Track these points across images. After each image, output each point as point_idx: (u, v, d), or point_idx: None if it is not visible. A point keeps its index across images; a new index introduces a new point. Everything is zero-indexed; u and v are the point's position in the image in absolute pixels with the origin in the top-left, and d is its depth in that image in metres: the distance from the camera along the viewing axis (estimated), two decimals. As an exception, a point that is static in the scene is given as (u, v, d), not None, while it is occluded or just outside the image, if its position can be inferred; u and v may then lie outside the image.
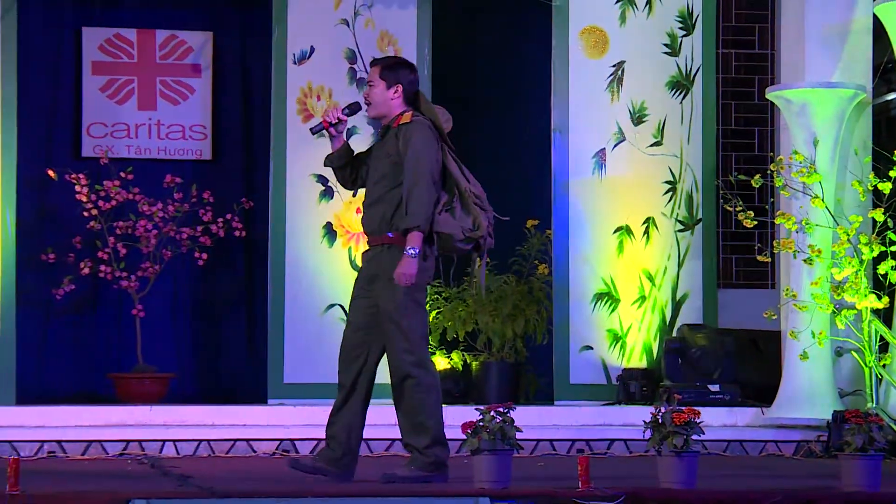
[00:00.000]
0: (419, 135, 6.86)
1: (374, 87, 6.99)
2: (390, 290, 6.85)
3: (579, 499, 6.26)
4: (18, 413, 9.34)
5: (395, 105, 6.99)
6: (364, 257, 7.11)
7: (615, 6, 10.51)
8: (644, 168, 10.51)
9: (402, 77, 6.98)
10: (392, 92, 6.97)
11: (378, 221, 6.93)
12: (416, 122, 6.89)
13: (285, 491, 6.40)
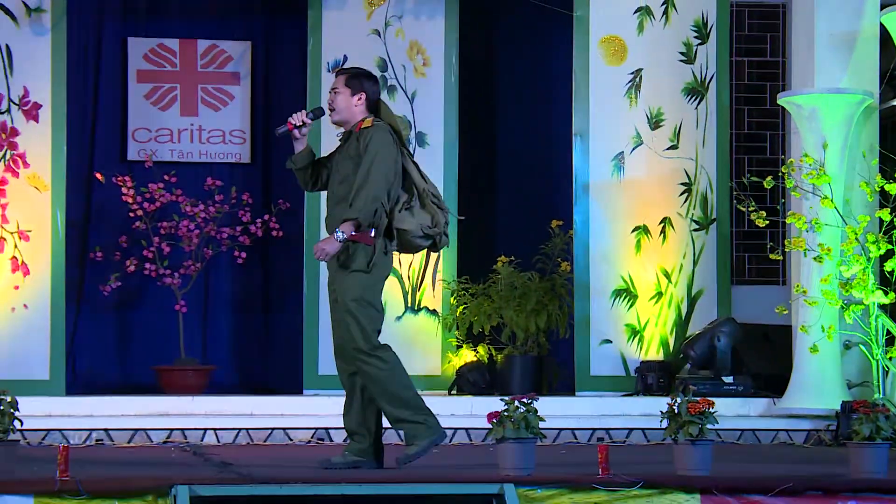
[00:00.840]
0: (378, 137, 6.90)
1: (339, 94, 7.02)
2: (349, 283, 6.87)
3: (599, 485, 6.25)
4: (68, 403, 9.38)
5: (358, 112, 7.02)
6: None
7: (633, 16, 10.49)
8: (661, 170, 10.49)
9: (366, 86, 7.03)
10: (356, 99, 7.01)
11: (340, 221, 6.92)
12: (376, 126, 6.95)
13: (320, 477, 6.41)
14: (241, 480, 6.25)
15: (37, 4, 10.11)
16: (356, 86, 7.01)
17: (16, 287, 9.99)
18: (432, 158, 10.59)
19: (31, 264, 10.02)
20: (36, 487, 5.92)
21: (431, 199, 6.99)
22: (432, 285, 7.64)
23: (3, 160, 10.05)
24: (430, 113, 10.63)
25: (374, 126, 6.94)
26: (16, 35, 10.10)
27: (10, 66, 10.08)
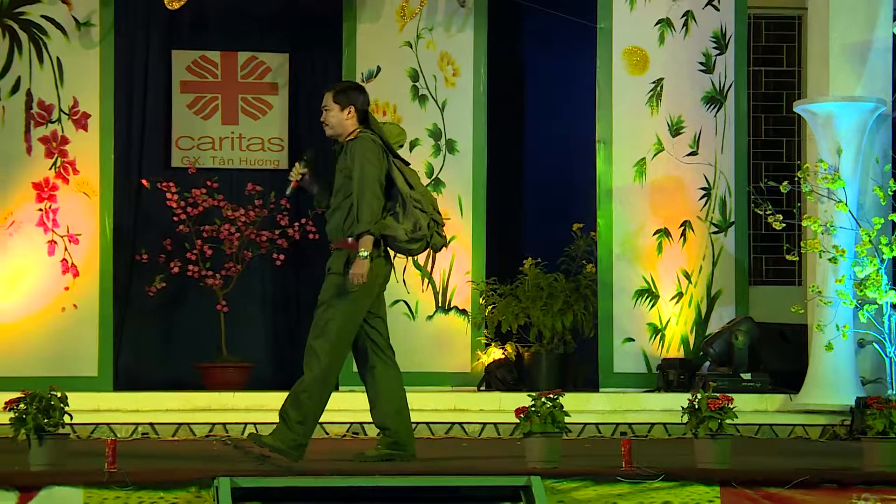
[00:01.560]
0: (360, 149, 6.92)
1: (330, 111, 7.06)
2: (328, 284, 6.93)
3: (622, 477, 6.24)
4: (116, 399, 9.40)
5: (349, 125, 7.04)
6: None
7: (655, 28, 10.47)
8: (681, 176, 10.46)
9: (354, 99, 7.05)
10: (346, 113, 7.03)
11: (335, 229, 6.98)
12: (360, 138, 6.96)
13: (355, 470, 6.41)
14: (280, 472, 6.27)
15: (86, 19, 10.16)
16: (344, 101, 7.02)
17: (66, 288, 10.04)
18: (461, 164, 10.60)
19: (80, 266, 10.06)
20: (85, 479, 5.94)
21: (414, 203, 6.96)
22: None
23: (54, 167, 10.10)
24: (460, 121, 10.63)
25: (357, 138, 6.96)
26: (66, 48, 10.14)
27: (60, 77, 10.13)
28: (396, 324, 10.38)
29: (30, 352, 9.90)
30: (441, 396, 9.74)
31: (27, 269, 10.02)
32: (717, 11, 10.57)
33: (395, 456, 6.96)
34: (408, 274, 10.49)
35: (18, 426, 6.12)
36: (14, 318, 9.97)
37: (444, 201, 10.58)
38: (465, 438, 8.96)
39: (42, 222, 10.06)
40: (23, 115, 10.08)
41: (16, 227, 10.03)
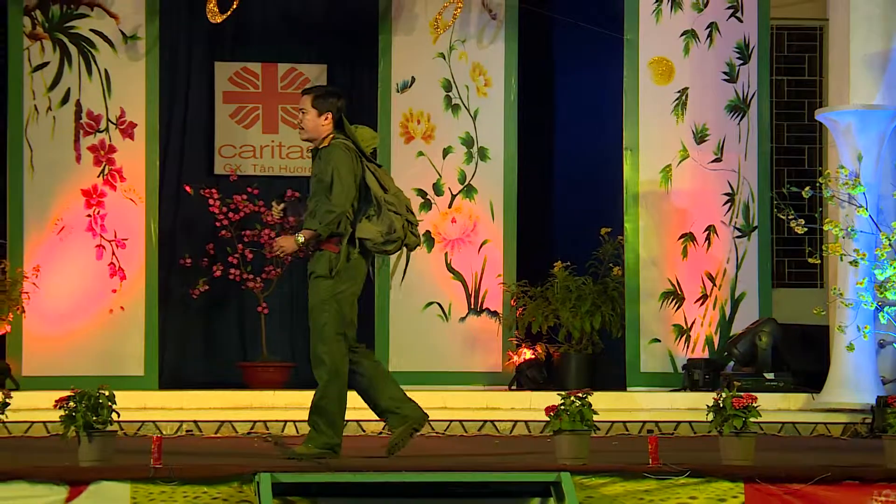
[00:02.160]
0: (334, 156, 6.88)
1: (307, 115, 6.97)
2: (314, 289, 6.88)
3: (650, 473, 6.22)
4: (161, 397, 9.43)
5: (324, 130, 6.97)
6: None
7: (680, 39, 10.44)
8: (705, 182, 10.43)
9: (332, 105, 6.98)
10: (323, 119, 6.96)
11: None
12: (332, 145, 6.92)
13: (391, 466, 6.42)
14: (319, 468, 6.27)
15: (133, 32, 10.20)
16: (323, 106, 6.96)
17: (113, 291, 10.08)
18: (493, 171, 10.59)
19: (126, 270, 10.10)
20: (132, 474, 5.97)
21: (388, 207, 6.93)
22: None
23: (102, 175, 10.15)
24: (492, 129, 10.62)
25: (330, 145, 6.92)
26: (114, 61, 10.19)
27: (108, 88, 10.17)
28: (430, 325, 10.43)
29: (79, 352, 9.95)
30: (473, 395, 9.74)
31: (76, 272, 10.06)
32: (740, 23, 10.54)
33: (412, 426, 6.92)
34: (441, 277, 10.49)
35: (68, 423, 6.15)
36: (64, 319, 10.02)
37: (477, 207, 10.59)
38: (497, 436, 8.95)
39: (91, 227, 10.11)
40: (72, 124, 10.14)
41: (66, 232, 10.08)
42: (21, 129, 10.06)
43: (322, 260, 6.86)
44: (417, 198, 10.51)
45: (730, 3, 10.51)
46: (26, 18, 10.09)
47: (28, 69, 10.09)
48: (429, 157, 10.58)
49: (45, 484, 5.90)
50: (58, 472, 5.97)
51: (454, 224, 10.56)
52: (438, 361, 10.40)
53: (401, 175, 10.48)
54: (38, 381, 9.63)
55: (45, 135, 10.10)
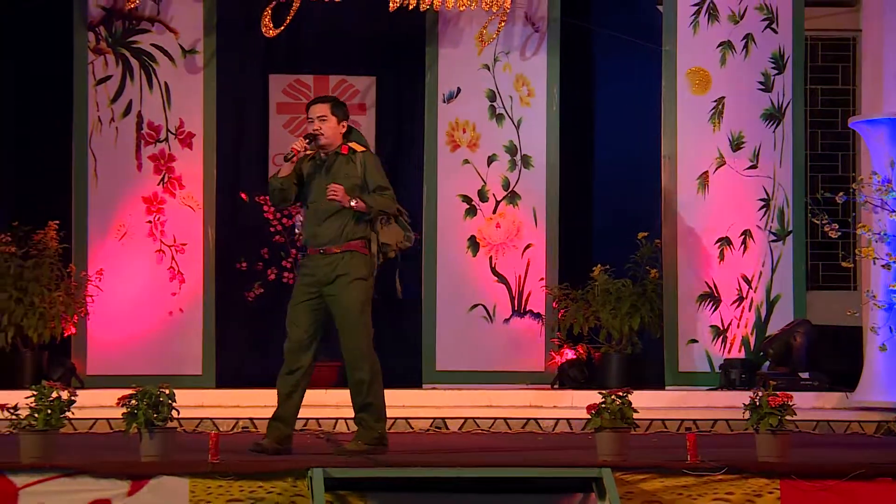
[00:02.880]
0: (377, 161, 6.97)
1: (327, 122, 6.95)
2: (355, 291, 6.85)
3: (688, 470, 6.19)
4: (218, 395, 9.47)
5: (340, 136, 6.98)
6: (314, 264, 6.94)
7: (716, 50, 10.40)
8: (741, 188, 10.38)
9: (347, 115, 7.03)
10: (341, 126, 6.97)
11: (336, 232, 6.88)
12: (370, 152, 6.97)
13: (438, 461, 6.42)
14: (369, 464, 6.28)
15: (191, 46, 10.26)
16: (341, 114, 6.99)
17: (173, 294, 10.13)
18: (536, 178, 10.57)
19: (185, 273, 10.16)
20: (191, 469, 6.00)
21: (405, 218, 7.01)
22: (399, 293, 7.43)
23: (162, 183, 10.20)
24: (535, 138, 10.60)
25: (368, 152, 6.97)
26: (173, 73, 10.25)
27: (168, 100, 10.23)
28: (475, 327, 10.42)
29: (140, 352, 10.01)
30: (517, 394, 9.73)
31: (138, 276, 10.12)
32: (775, 34, 10.48)
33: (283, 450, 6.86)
34: (486, 280, 10.49)
35: (130, 420, 6.18)
36: (126, 321, 10.08)
37: (520, 212, 10.58)
38: (540, 433, 8.94)
39: (151, 233, 10.17)
40: (134, 135, 10.20)
41: (127, 238, 10.14)
42: (85, 139, 10.14)
43: (359, 262, 6.85)
44: (463, 204, 10.51)
45: (765, 14, 10.46)
46: (90, 34, 10.17)
47: (92, 82, 10.17)
48: (474, 164, 10.58)
49: (109, 478, 5.94)
50: (120, 466, 6.01)
51: (498, 229, 10.55)
52: (483, 361, 10.39)
53: (447, 182, 10.51)
54: (102, 380, 9.70)
55: (108, 145, 10.17)
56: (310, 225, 6.95)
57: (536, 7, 10.59)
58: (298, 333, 6.92)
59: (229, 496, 5.96)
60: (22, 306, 9.78)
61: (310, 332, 6.93)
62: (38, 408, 6.14)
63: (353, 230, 6.87)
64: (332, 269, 6.84)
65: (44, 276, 9.86)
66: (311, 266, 6.93)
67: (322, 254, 6.88)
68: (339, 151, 6.94)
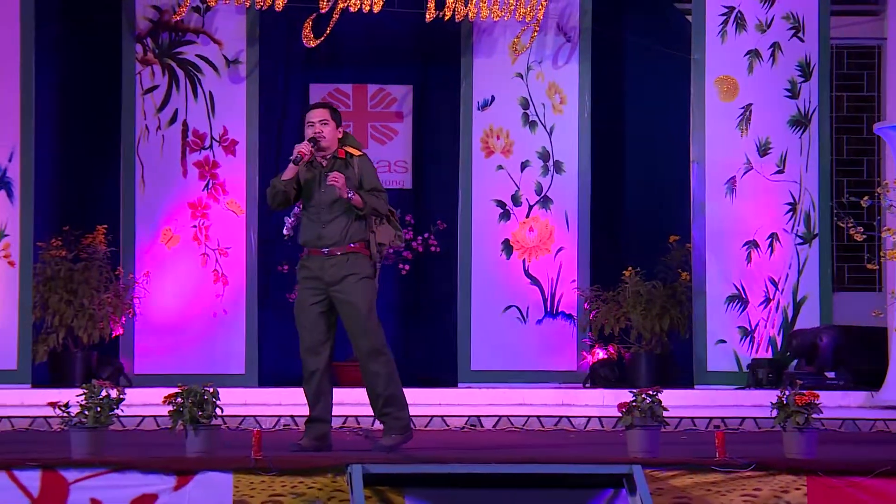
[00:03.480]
0: (371, 164, 6.95)
1: (328, 126, 6.88)
2: (363, 289, 6.80)
3: (716, 466, 6.16)
4: (261, 394, 9.50)
5: (337, 141, 6.93)
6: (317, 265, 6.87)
7: (744, 58, 10.35)
8: (768, 192, 10.33)
9: (341, 120, 6.98)
10: (338, 132, 6.93)
11: (340, 234, 6.82)
12: (366, 156, 6.95)
13: (473, 458, 6.41)
14: (406, 460, 6.28)
15: (234, 57, 10.31)
16: (338, 119, 6.95)
17: (217, 296, 10.18)
18: (568, 183, 10.56)
19: (229, 276, 10.21)
20: (235, 465, 6.01)
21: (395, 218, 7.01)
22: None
23: (207, 188, 10.26)
24: (567, 144, 10.59)
25: (365, 156, 6.95)
26: (217, 83, 10.31)
27: (212, 109, 10.29)
28: (510, 327, 10.42)
29: (186, 352, 10.06)
30: (550, 392, 9.71)
31: (183, 278, 10.18)
32: (801, 42, 10.42)
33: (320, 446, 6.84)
34: (519, 282, 10.48)
35: (176, 417, 6.20)
36: (172, 322, 10.14)
37: (552, 217, 10.57)
38: (572, 430, 8.92)
39: (196, 237, 10.22)
40: (180, 142, 10.26)
41: (173, 242, 10.20)
42: (133, 146, 10.20)
43: (363, 262, 6.83)
44: (497, 208, 10.51)
45: (791, 23, 10.40)
46: (138, 45, 10.24)
47: (140, 92, 10.23)
48: (508, 170, 10.58)
49: (156, 473, 5.96)
50: (167, 462, 6.03)
51: (531, 233, 10.54)
52: (517, 361, 10.39)
53: (481, 187, 10.51)
54: (149, 379, 9.75)
55: (154, 152, 10.24)
56: (312, 227, 6.91)
57: (568, 17, 10.58)
58: (312, 336, 6.90)
59: (271, 491, 5.97)
60: (72, 308, 9.85)
61: (323, 334, 6.90)
62: (88, 406, 6.17)
63: (356, 231, 6.86)
64: (339, 269, 6.82)
65: (93, 279, 9.92)
66: (315, 268, 6.88)
67: (326, 255, 6.86)
68: (336, 155, 6.93)
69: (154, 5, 10.25)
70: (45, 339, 9.84)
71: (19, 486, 5.90)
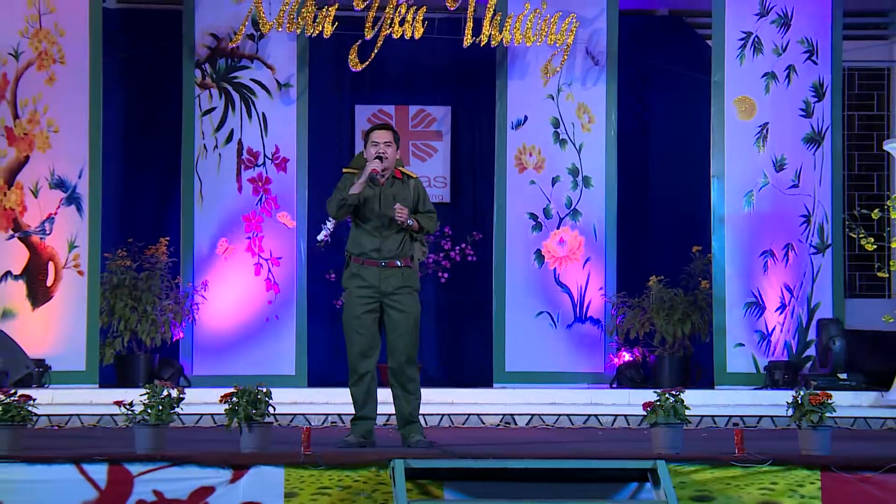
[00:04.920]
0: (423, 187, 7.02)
1: (391, 147, 6.87)
2: (416, 301, 6.85)
3: (735, 462, 6.13)
4: (310, 393, 9.52)
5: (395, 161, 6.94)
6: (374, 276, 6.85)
7: (761, 80, 10.30)
8: (784, 205, 10.27)
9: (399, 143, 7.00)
10: (397, 154, 6.93)
11: (397, 248, 6.84)
12: (419, 180, 7.00)
13: (507, 453, 6.41)
14: (445, 455, 6.28)
15: (286, 81, 10.36)
16: (398, 142, 6.96)
17: (269, 302, 10.22)
18: (596, 197, 10.54)
19: (280, 284, 10.24)
20: (286, 460, 6.03)
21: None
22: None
23: (260, 203, 10.30)
24: (595, 161, 10.58)
25: (417, 179, 6.99)
26: (270, 105, 10.35)
27: (265, 129, 10.34)
28: (541, 331, 10.40)
29: (240, 355, 10.10)
30: (579, 392, 9.69)
31: (238, 286, 10.22)
32: (815, 65, 10.36)
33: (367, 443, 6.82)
34: (551, 289, 10.46)
35: (232, 416, 6.22)
36: (228, 327, 10.18)
37: (581, 228, 10.55)
38: (600, 428, 8.90)
39: (250, 248, 10.26)
40: (235, 160, 10.31)
41: (229, 252, 10.25)
42: (192, 164, 10.26)
43: (415, 276, 6.88)
44: (530, 220, 10.51)
45: (806, 47, 10.35)
46: (197, 70, 10.31)
47: (198, 113, 10.29)
48: (539, 185, 10.57)
49: (213, 467, 5.98)
50: (223, 457, 6.05)
51: (562, 244, 10.53)
52: (548, 363, 10.37)
53: (515, 201, 10.50)
54: (206, 380, 9.80)
55: (212, 169, 10.29)
56: (371, 239, 6.90)
57: (596, 42, 10.57)
58: (365, 342, 6.89)
59: (319, 484, 5.98)
60: (136, 314, 9.91)
61: (374, 339, 6.91)
62: (151, 404, 6.20)
63: (409, 247, 6.90)
64: (395, 280, 6.84)
65: (155, 287, 9.99)
66: (370, 277, 6.87)
67: (384, 266, 6.88)
68: (394, 175, 6.97)
69: (212, 33, 10.32)
70: (112, 343, 9.90)
71: (87, 479, 5.93)
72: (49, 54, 9.68)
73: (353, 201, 6.94)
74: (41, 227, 9.66)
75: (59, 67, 9.70)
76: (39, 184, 9.67)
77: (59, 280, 9.65)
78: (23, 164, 9.66)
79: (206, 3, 10.28)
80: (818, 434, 6.31)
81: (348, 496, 5.97)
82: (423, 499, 5.93)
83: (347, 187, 6.91)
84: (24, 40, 9.62)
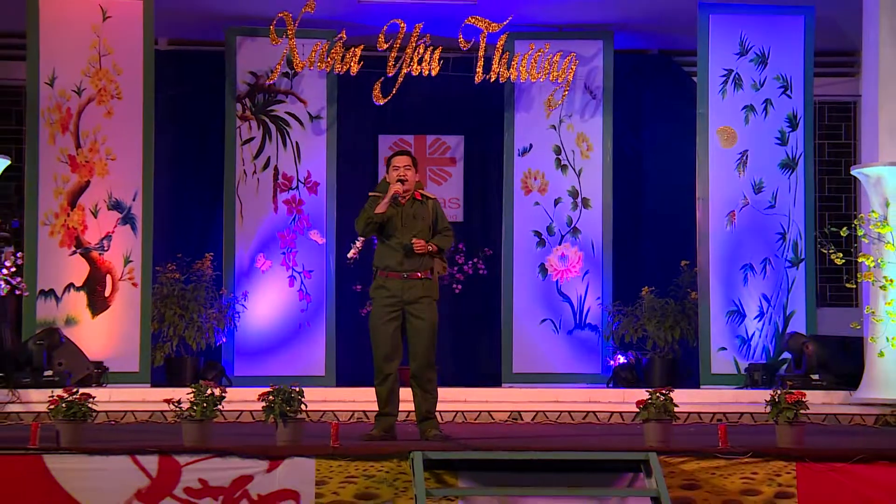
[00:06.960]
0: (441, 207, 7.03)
1: (410, 171, 6.91)
2: (435, 310, 6.84)
3: (719, 454, 6.12)
4: (338, 392, 9.51)
5: (414, 184, 6.96)
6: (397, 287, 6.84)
7: (741, 112, 10.31)
8: (762, 224, 10.25)
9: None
10: (416, 176, 6.94)
11: (420, 262, 6.85)
12: (436, 200, 7.00)
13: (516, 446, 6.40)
14: (460, 447, 6.29)
15: (317, 113, 10.40)
16: (416, 166, 6.98)
17: (301, 311, 10.23)
18: (594, 217, 10.54)
19: (312, 294, 10.26)
20: (316, 452, 6.04)
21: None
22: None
23: (294, 222, 10.33)
24: (593, 184, 10.58)
25: (436, 199, 7.00)
26: (302, 134, 10.39)
27: (298, 156, 10.38)
28: (545, 337, 10.39)
29: (276, 358, 10.12)
30: (578, 391, 9.67)
31: (274, 296, 10.24)
32: (789, 99, 10.37)
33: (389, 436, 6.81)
34: (553, 299, 10.46)
35: (268, 412, 6.24)
36: (265, 333, 10.20)
37: (581, 244, 10.55)
38: (597, 423, 8.88)
39: (284, 262, 10.29)
40: (271, 184, 10.35)
41: (266, 266, 10.27)
42: (233, 188, 10.30)
43: (434, 287, 6.89)
44: (534, 237, 10.51)
45: (781, 83, 10.35)
46: (238, 105, 10.35)
47: (239, 142, 10.34)
48: (543, 206, 10.58)
49: (252, 458, 6.00)
50: (261, 449, 6.06)
51: (563, 258, 10.53)
52: (551, 365, 10.36)
53: (521, 220, 10.51)
54: (246, 380, 9.81)
55: (251, 192, 10.33)
56: (394, 254, 6.91)
57: (594, 78, 10.59)
58: (389, 346, 6.89)
59: (347, 473, 5.99)
60: (184, 321, 9.94)
61: (397, 344, 6.91)
62: (197, 402, 6.22)
63: (429, 260, 6.91)
64: (417, 291, 6.85)
65: (201, 297, 10.02)
66: (395, 288, 6.88)
67: (406, 278, 6.88)
68: (414, 197, 6.98)
69: (251, 71, 10.36)
70: (162, 347, 9.93)
71: (140, 468, 5.96)
72: (108, 91, 9.73)
73: (379, 219, 6.96)
74: (100, 244, 9.70)
75: (116, 102, 9.76)
76: (98, 206, 9.72)
77: (115, 291, 9.69)
78: (84, 188, 9.72)
79: (247, 45, 10.34)
80: (793, 429, 6.30)
81: (372, 484, 5.97)
82: (439, 487, 5.93)
83: (374, 207, 6.93)
84: (86, 79, 9.68)
